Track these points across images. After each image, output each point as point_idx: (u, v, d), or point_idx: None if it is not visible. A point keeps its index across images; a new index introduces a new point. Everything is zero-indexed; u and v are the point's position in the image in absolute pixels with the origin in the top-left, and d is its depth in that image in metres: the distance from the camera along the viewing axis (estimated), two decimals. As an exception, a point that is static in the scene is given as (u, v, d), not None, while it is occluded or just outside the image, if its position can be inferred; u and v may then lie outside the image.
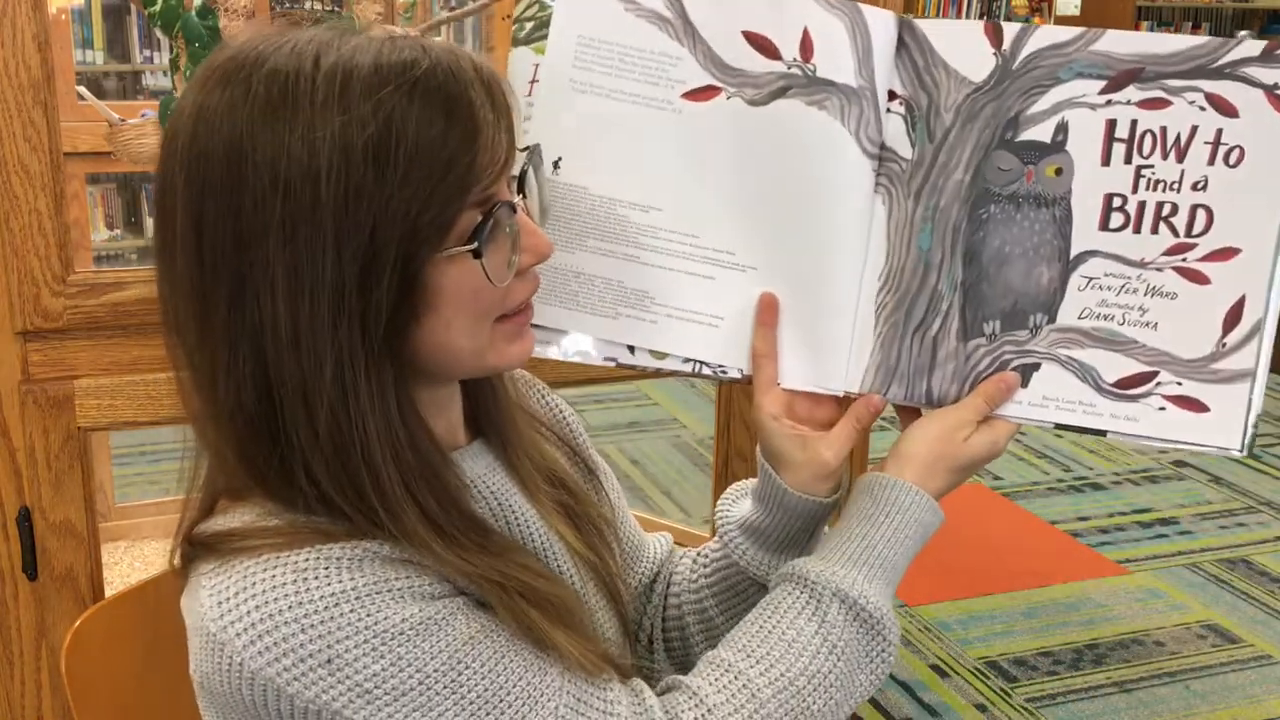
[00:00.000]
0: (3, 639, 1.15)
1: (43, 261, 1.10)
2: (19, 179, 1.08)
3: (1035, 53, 0.89)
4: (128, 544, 2.60)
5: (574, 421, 1.03)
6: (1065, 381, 0.91)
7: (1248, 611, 2.92)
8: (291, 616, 0.71)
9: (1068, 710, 2.49)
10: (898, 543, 0.87)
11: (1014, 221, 0.91)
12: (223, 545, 0.76)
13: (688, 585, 1.03)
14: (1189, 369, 0.89)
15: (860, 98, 0.91)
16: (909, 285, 0.93)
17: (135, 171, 5.13)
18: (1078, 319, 0.91)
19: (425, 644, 0.72)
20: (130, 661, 1.05)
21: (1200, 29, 6.83)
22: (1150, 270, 0.89)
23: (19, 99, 1.07)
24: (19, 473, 1.13)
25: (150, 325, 1.15)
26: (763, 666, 0.81)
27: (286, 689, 0.71)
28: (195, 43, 1.22)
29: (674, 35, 0.91)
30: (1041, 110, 0.89)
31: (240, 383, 0.73)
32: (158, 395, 1.15)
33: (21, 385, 1.12)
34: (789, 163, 0.92)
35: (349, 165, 0.70)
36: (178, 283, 0.75)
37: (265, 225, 0.71)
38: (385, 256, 0.72)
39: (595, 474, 1.01)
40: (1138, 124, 0.88)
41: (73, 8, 5.01)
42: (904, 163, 0.92)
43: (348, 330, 0.72)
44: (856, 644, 0.83)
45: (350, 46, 0.73)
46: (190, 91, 0.75)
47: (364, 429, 0.74)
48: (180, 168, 0.73)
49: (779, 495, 0.93)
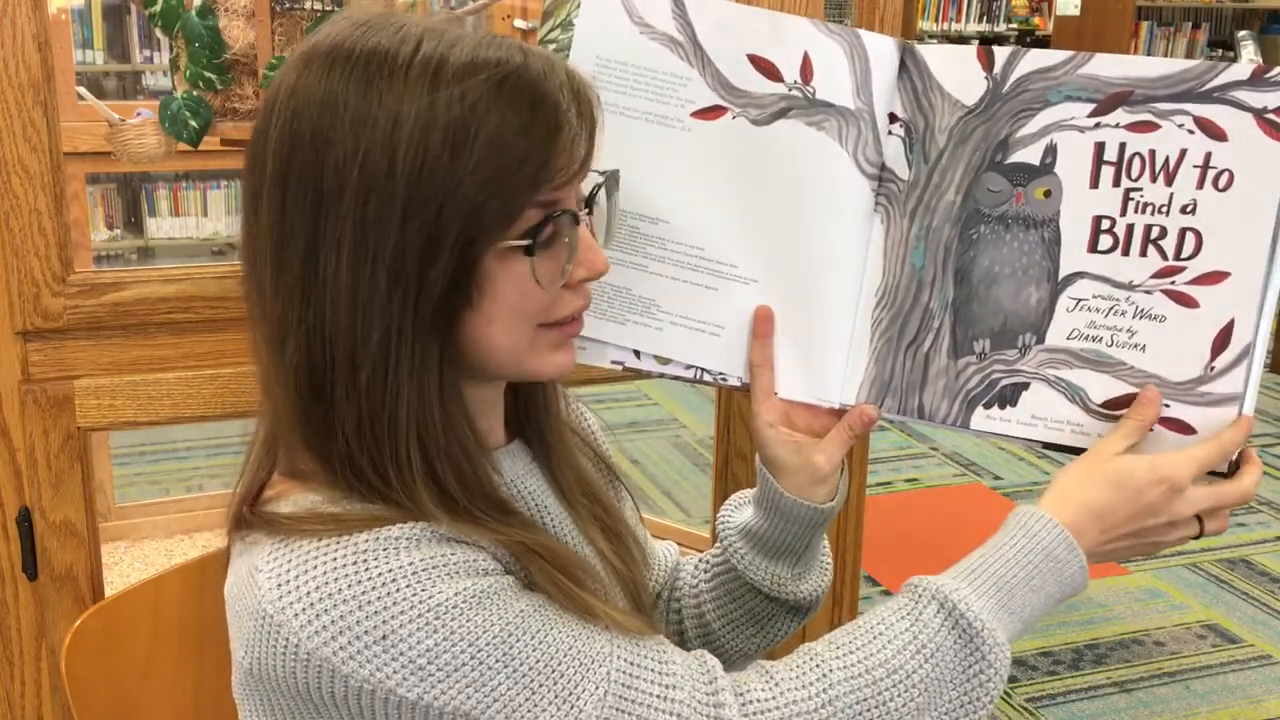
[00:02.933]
0: (3, 639, 1.15)
1: (43, 261, 1.10)
2: (19, 179, 1.08)
3: (1024, 76, 0.90)
4: (128, 544, 2.60)
5: (598, 430, 1.04)
6: (1053, 401, 0.92)
7: (1248, 611, 2.92)
8: (350, 594, 0.72)
9: (1068, 710, 2.49)
10: (1018, 565, 0.82)
11: (1003, 242, 0.92)
12: (280, 528, 0.77)
13: (688, 590, 1.04)
14: (1177, 391, 0.89)
15: (858, 119, 0.93)
16: (903, 302, 0.95)
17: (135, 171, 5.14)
18: (1066, 340, 0.91)
19: (477, 617, 0.73)
20: (130, 661, 1.05)
21: (1200, 29, 6.82)
22: (1139, 293, 0.89)
23: (19, 99, 1.07)
24: (19, 473, 1.13)
25: (151, 325, 1.15)
26: (841, 652, 0.80)
27: (341, 668, 0.71)
28: (195, 43, 1.21)
29: (684, 57, 0.95)
30: (1031, 133, 0.90)
31: (307, 337, 0.76)
32: (158, 395, 1.15)
33: (21, 385, 1.12)
34: (789, 180, 0.95)
35: (427, 143, 0.73)
36: (261, 232, 0.77)
37: (341, 187, 0.74)
38: (447, 237, 0.74)
39: (618, 481, 1.02)
40: (1126, 147, 0.89)
41: (73, 8, 5.01)
42: (901, 183, 0.94)
43: (401, 301, 0.74)
44: (951, 652, 0.80)
45: (454, 36, 0.76)
46: (291, 66, 0.78)
47: (395, 398, 0.76)
48: (275, 125, 0.76)
49: (776, 500, 0.94)
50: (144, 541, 2.62)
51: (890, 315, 0.95)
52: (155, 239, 5.70)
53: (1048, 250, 0.91)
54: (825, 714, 0.77)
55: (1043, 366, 0.92)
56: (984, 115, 0.91)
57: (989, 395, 0.93)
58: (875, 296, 0.95)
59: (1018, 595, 0.82)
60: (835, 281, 0.95)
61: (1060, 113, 0.90)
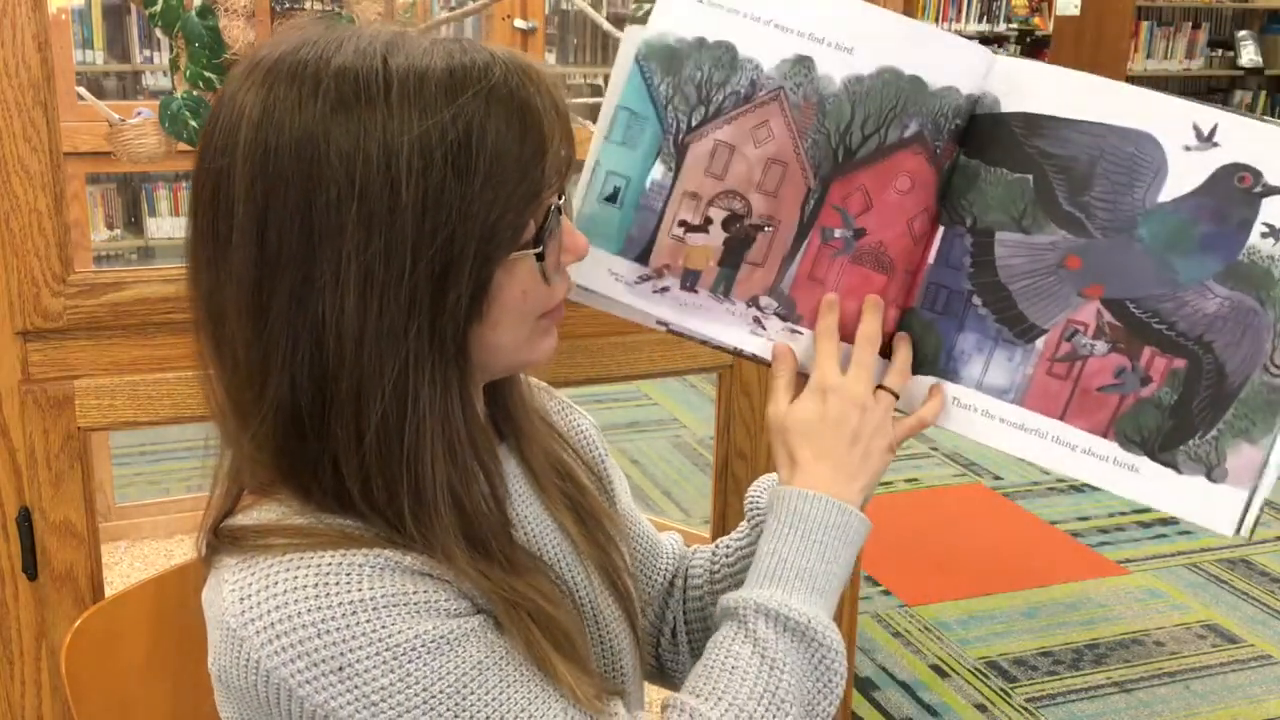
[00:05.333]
0: (3, 639, 1.15)
1: (43, 261, 1.10)
2: (19, 179, 1.08)
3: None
4: (128, 544, 2.61)
5: (594, 435, 1.04)
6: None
7: (1248, 611, 2.92)
8: (310, 620, 0.71)
9: (1068, 710, 2.49)
10: (809, 550, 0.85)
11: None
12: (247, 541, 0.76)
13: (709, 576, 1.05)
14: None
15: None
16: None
17: (135, 171, 5.13)
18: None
19: (435, 663, 0.73)
20: (130, 661, 1.05)
21: (1200, 29, 6.82)
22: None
23: (19, 99, 1.07)
24: (19, 473, 1.13)
25: (151, 325, 1.15)
26: (713, 701, 0.80)
27: (298, 691, 0.71)
28: (195, 43, 1.21)
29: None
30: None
31: (296, 377, 0.73)
32: (158, 395, 1.15)
33: (21, 385, 1.12)
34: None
35: (429, 169, 0.71)
36: (230, 277, 0.74)
37: (340, 224, 0.71)
38: (463, 260, 0.73)
39: (607, 487, 1.01)
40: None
41: (73, 8, 5.01)
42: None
43: (418, 331, 0.73)
44: (795, 656, 0.82)
45: (418, 47, 0.74)
46: (245, 89, 0.74)
47: (417, 431, 0.74)
48: (243, 162, 0.72)
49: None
50: (144, 541, 2.63)
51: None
52: (155, 239, 5.69)
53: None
54: None
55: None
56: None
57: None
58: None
59: (819, 575, 0.85)
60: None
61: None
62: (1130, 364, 0.89)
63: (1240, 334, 0.86)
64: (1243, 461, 0.87)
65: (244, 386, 0.76)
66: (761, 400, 1.38)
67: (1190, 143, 0.87)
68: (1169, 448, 0.88)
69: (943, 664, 2.66)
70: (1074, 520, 3.38)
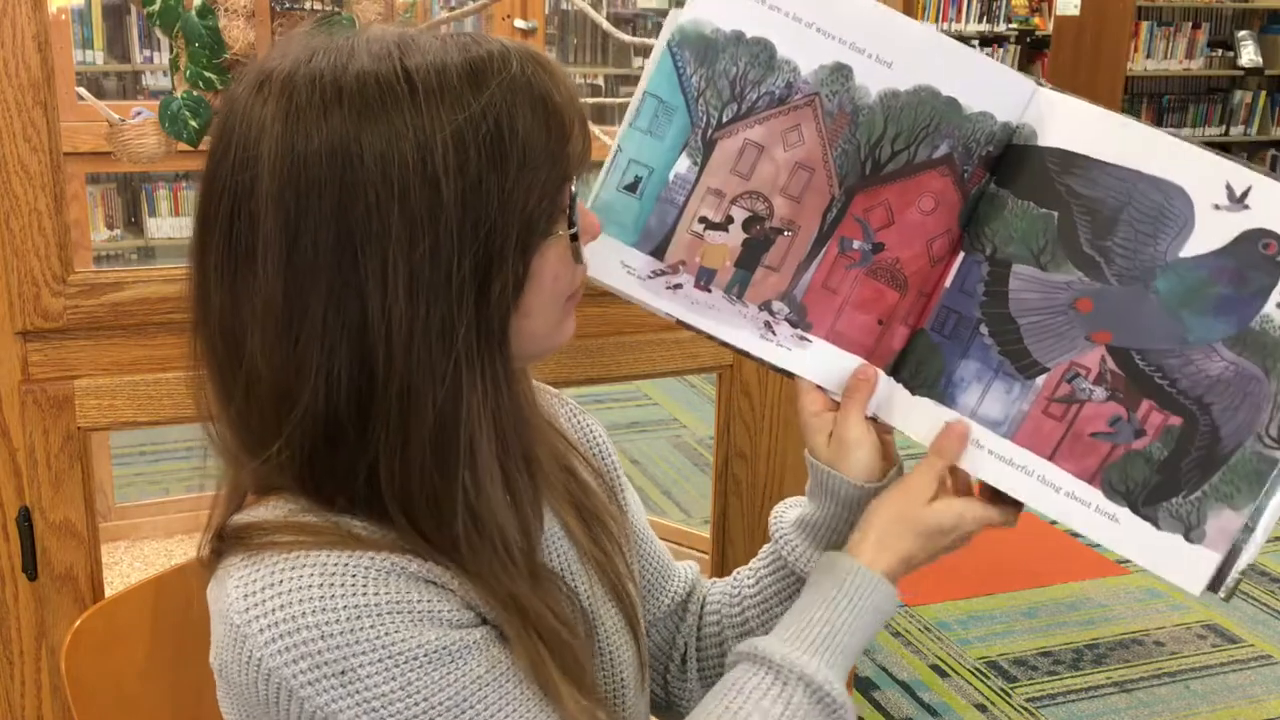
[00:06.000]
0: (3, 639, 1.15)
1: (43, 261, 1.10)
2: (19, 179, 1.08)
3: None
4: (128, 544, 2.61)
5: (605, 441, 1.04)
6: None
7: (1248, 611, 2.92)
8: (314, 621, 0.71)
9: (1068, 710, 2.49)
10: (858, 630, 0.87)
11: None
12: (253, 538, 0.76)
13: (727, 601, 1.05)
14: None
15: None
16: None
17: (135, 171, 5.13)
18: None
19: (436, 674, 0.73)
20: (130, 661, 1.05)
21: (1200, 29, 6.82)
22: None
23: (19, 99, 1.07)
24: (19, 473, 1.13)
25: (151, 325, 1.15)
26: None
27: (299, 691, 0.71)
28: (195, 43, 1.21)
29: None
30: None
31: (332, 386, 0.73)
32: (158, 395, 1.15)
33: (21, 385, 1.12)
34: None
35: (466, 165, 0.72)
36: (252, 292, 0.73)
37: (382, 228, 0.71)
38: (506, 249, 0.74)
39: (617, 496, 1.01)
40: None
41: (73, 8, 5.01)
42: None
43: (467, 328, 0.73)
44: None
45: (430, 45, 0.74)
46: (259, 102, 0.73)
47: (470, 427, 0.74)
48: (269, 175, 0.71)
49: (826, 482, 0.94)
50: (144, 541, 2.63)
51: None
52: (155, 239, 5.70)
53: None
54: None
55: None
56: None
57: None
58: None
59: (856, 652, 0.88)
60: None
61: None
62: (1126, 414, 0.88)
63: (1240, 400, 0.86)
64: (1221, 525, 0.88)
65: (267, 403, 0.75)
66: (761, 400, 1.38)
67: (1221, 201, 0.86)
68: (1152, 502, 0.88)
69: (943, 664, 2.66)
70: (1074, 520, 3.38)
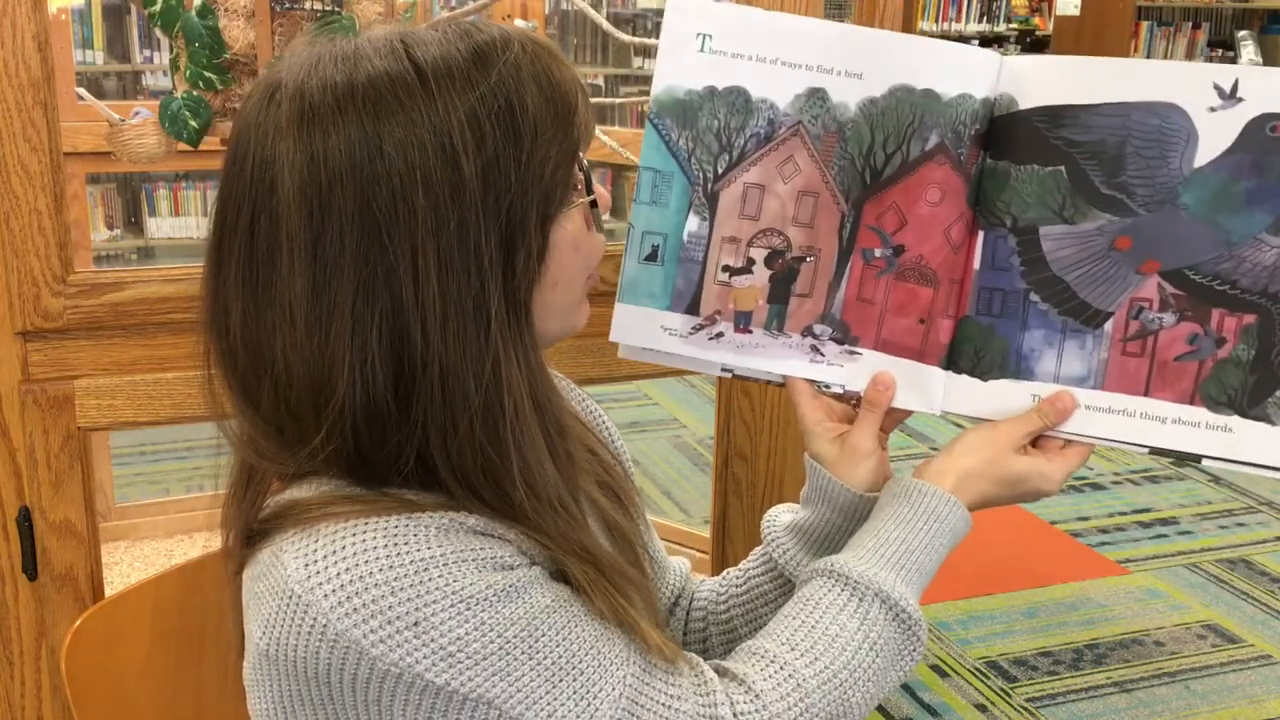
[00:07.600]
0: (3, 639, 1.16)
1: (43, 261, 1.10)
2: (19, 179, 1.08)
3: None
4: (128, 544, 2.61)
5: (614, 431, 1.05)
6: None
7: (1248, 611, 2.92)
8: (383, 579, 0.72)
9: (1068, 710, 2.49)
10: (933, 550, 0.90)
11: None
12: (302, 514, 0.77)
13: (713, 599, 1.06)
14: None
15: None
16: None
17: (135, 171, 5.14)
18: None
19: (506, 609, 0.74)
20: (130, 661, 1.05)
21: (1200, 29, 6.83)
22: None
23: (19, 99, 1.07)
24: (19, 473, 1.13)
25: (151, 325, 1.15)
26: (808, 659, 0.83)
27: (370, 651, 0.72)
28: (195, 43, 1.21)
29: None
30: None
31: (368, 377, 0.74)
32: (158, 395, 1.15)
33: (21, 385, 1.12)
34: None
35: (484, 142, 0.74)
36: (276, 296, 0.75)
37: (408, 214, 0.73)
38: (527, 221, 0.76)
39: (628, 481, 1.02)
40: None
41: (73, 8, 5.01)
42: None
43: (497, 302, 0.75)
44: (894, 642, 0.86)
45: (432, 37, 0.77)
46: (271, 110, 0.75)
47: (514, 399, 0.77)
48: (289, 175, 0.73)
49: (824, 487, 0.96)
50: (144, 541, 2.63)
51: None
52: (155, 239, 5.70)
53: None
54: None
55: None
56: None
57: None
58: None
59: (930, 573, 0.91)
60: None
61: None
62: (1202, 329, 0.89)
63: None
64: None
65: (301, 401, 0.76)
66: (761, 400, 1.38)
67: (1214, 103, 0.87)
68: (1257, 402, 0.89)
69: (943, 664, 2.66)
70: (1074, 520, 3.38)
